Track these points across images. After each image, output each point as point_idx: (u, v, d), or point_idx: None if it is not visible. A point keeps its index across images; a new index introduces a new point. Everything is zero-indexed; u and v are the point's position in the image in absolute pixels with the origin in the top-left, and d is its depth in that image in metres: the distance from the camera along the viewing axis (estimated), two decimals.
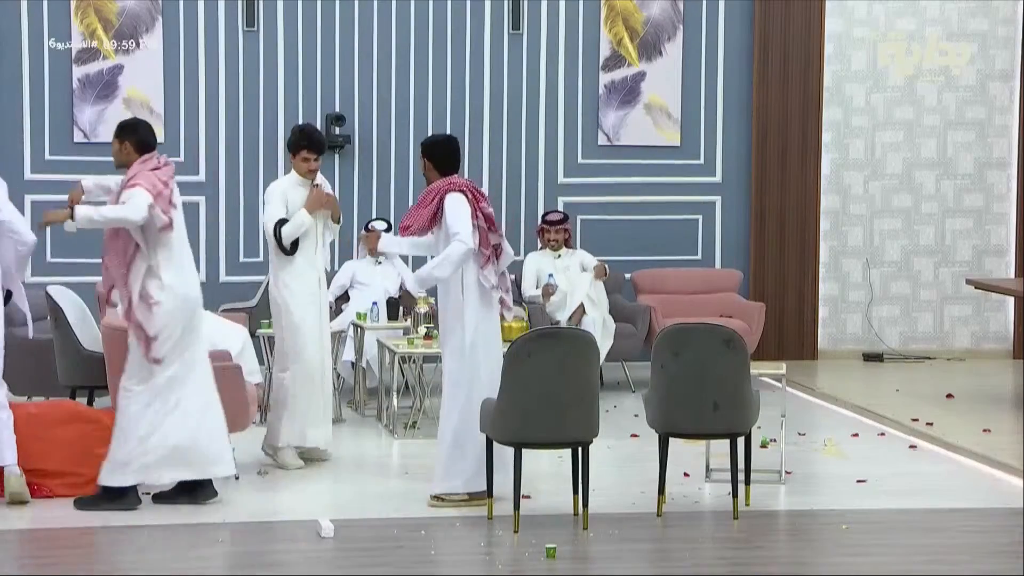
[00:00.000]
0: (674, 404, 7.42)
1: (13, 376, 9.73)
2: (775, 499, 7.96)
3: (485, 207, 7.78)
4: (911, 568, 6.66)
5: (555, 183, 13.03)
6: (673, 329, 7.53)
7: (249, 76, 12.63)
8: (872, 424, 10.28)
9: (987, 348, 13.69)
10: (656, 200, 13.15)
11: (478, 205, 7.73)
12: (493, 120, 12.93)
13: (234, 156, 12.64)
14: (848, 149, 13.51)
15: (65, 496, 7.81)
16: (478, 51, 12.88)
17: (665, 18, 13.06)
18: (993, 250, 13.69)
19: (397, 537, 7.12)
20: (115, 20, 12.43)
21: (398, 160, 12.78)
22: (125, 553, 6.94)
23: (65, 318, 9.18)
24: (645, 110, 13.08)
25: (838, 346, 13.50)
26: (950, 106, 13.60)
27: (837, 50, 13.44)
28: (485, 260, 7.74)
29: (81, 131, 12.42)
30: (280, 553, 6.86)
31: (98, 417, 8.13)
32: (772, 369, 8.68)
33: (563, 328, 7.68)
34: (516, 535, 7.05)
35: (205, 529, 7.21)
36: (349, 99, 12.70)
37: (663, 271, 12.73)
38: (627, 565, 6.69)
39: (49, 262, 12.31)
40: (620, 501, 7.83)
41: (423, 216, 7.75)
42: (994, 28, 13.58)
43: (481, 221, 7.72)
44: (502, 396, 7.16)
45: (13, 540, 7.02)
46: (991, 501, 7.97)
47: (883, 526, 7.36)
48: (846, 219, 13.55)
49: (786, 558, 6.95)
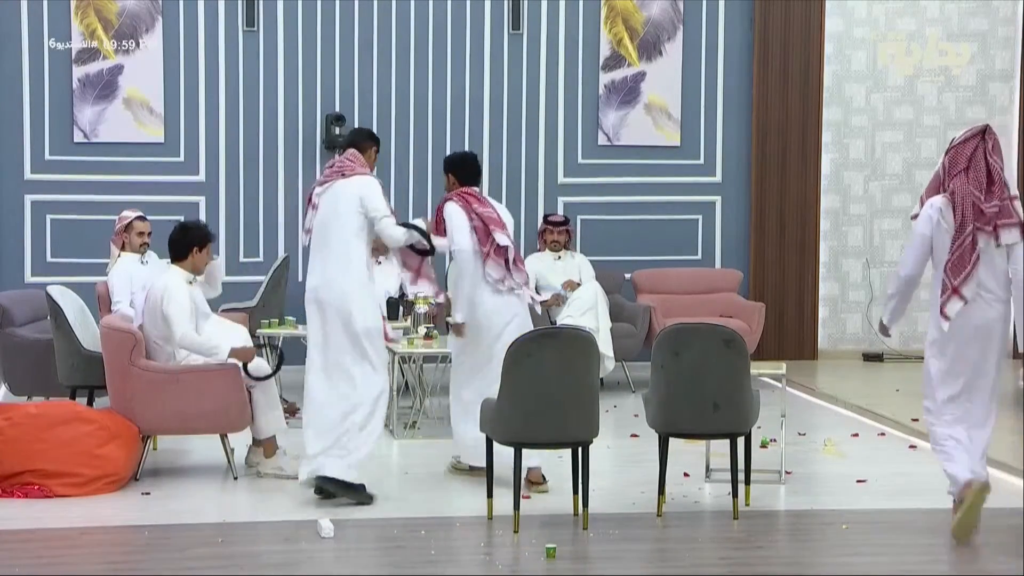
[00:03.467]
0: (674, 404, 7.42)
1: (13, 376, 9.79)
2: (775, 499, 7.96)
3: (478, 208, 8.21)
4: (911, 568, 6.66)
5: (555, 183, 13.03)
6: (673, 329, 7.53)
7: (249, 76, 12.64)
8: (872, 424, 10.29)
9: None
10: (656, 200, 13.16)
11: (471, 208, 8.19)
12: (493, 120, 12.94)
13: (234, 156, 12.65)
14: (848, 149, 13.52)
15: (65, 496, 7.82)
16: (478, 51, 12.89)
17: (665, 18, 13.07)
18: None
19: (397, 537, 7.12)
20: (115, 20, 12.44)
21: (398, 160, 12.79)
22: (125, 553, 6.94)
23: (65, 318, 9.18)
24: (645, 110, 13.09)
25: (838, 346, 13.50)
26: (950, 106, 13.61)
27: (837, 50, 13.44)
28: (485, 256, 8.15)
29: (81, 131, 12.43)
30: (280, 553, 6.86)
31: (98, 417, 8.14)
32: (772, 369, 8.68)
33: (563, 328, 7.66)
34: (516, 535, 7.05)
35: (205, 529, 7.21)
36: (349, 99, 12.70)
37: (663, 271, 12.73)
38: (627, 565, 6.69)
39: (49, 262, 12.32)
40: (620, 501, 7.83)
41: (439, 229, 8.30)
42: (994, 28, 13.59)
43: (476, 222, 8.16)
44: (502, 396, 7.16)
45: (13, 540, 7.02)
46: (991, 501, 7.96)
47: (883, 526, 7.36)
48: (846, 219, 13.56)
49: (786, 558, 6.95)
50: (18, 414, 8.04)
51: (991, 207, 7.03)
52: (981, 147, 7.18)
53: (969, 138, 7.21)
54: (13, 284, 12.03)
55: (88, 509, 7.64)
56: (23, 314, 9.90)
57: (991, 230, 7.01)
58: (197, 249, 8.46)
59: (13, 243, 12.42)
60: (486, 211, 8.15)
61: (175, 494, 7.99)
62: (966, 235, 7.01)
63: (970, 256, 7.00)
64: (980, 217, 7.02)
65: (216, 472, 8.52)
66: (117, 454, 8.03)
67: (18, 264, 12.42)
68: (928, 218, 7.11)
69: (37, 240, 12.43)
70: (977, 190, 7.05)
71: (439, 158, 12.82)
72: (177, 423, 8.36)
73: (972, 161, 7.13)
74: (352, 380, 7.71)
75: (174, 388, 8.23)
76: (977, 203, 7.02)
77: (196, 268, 8.48)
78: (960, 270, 7.00)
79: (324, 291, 7.74)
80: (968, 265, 7.00)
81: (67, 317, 9.20)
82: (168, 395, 8.23)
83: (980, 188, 7.06)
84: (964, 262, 7.01)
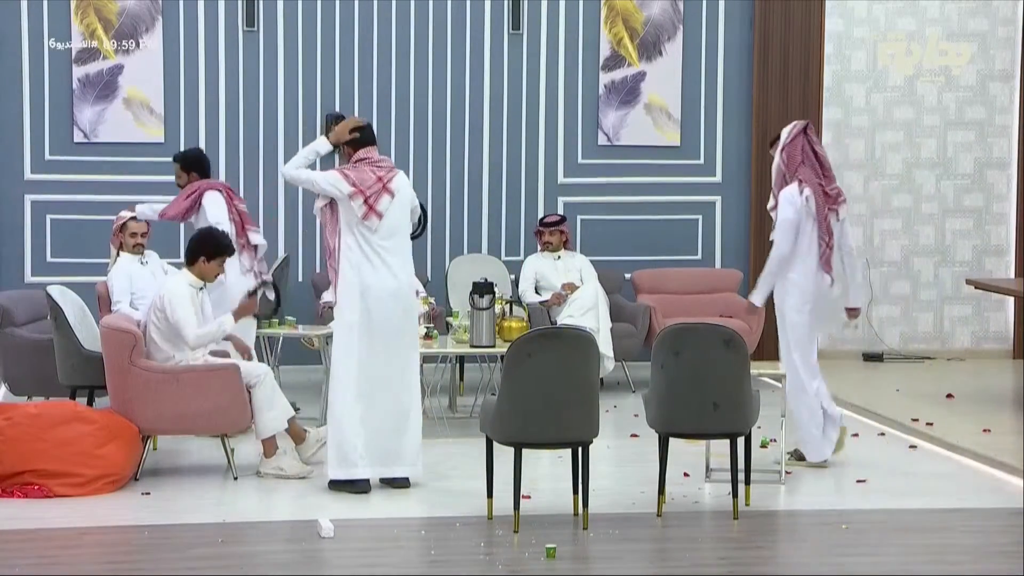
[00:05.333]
0: (674, 404, 7.42)
1: (13, 376, 9.79)
2: (775, 499, 7.96)
3: (239, 204, 9.50)
4: (911, 568, 6.66)
5: (555, 183, 13.03)
6: (673, 329, 7.53)
7: (249, 76, 12.64)
8: (872, 424, 10.29)
9: (987, 348, 13.70)
10: (656, 200, 13.15)
11: (232, 203, 9.29)
12: (493, 120, 12.94)
13: (234, 156, 12.64)
14: (848, 149, 13.52)
15: (65, 496, 7.82)
16: (478, 51, 12.88)
17: (665, 18, 13.07)
18: (993, 250, 13.70)
19: (397, 537, 7.12)
20: (115, 20, 12.44)
21: (398, 160, 12.78)
22: (125, 553, 6.94)
23: (65, 318, 9.18)
24: (645, 110, 13.08)
25: (838, 346, 13.50)
26: (950, 106, 13.61)
27: (837, 50, 13.44)
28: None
29: (81, 131, 12.42)
30: (280, 553, 6.87)
31: (98, 417, 8.14)
32: (772, 369, 8.69)
33: (563, 328, 7.67)
34: (516, 535, 7.05)
35: (205, 529, 7.22)
36: (349, 99, 12.70)
37: (663, 271, 12.73)
38: (627, 565, 6.69)
39: (49, 262, 12.32)
40: (620, 501, 7.83)
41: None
42: (994, 28, 13.59)
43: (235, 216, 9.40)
44: (502, 396, 7.16)
45: (13, 540, 7.03)
46: (991, 501, 7.97)
47: (883, 526, 7.36)
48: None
49: (786, 558, 6.96)
50: (18, 414, 8.05)
51: (832, 189, 8.59)
52: (808, 142, 8.63)
53: (796, 135, 8.63)
54: (13, 284, 12.02)
55: (88, 509, 7.64)
56: (23, 314, 9.90)
57: (835, 208, 8.57)
58: (205, 259, 8.48)
59: (13, 243, 12.41)
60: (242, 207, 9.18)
61: (175, 494, 7.99)
62: (824, 215, 8.50)
63: (829, 232, 8.53)
64: (827, 199, 8.55)
65: (216, 472, 8.52)
66: (117, 454, 8.03)
67: (18, 264, 12.42)
68: (793, 205, 8.49)
69: (37, 240, 12.43)
70: (817, 177, 8.55)
71: (439, 158, 12.88)
72: (177, 423, 8.36)
73: (805, 154, 8.59)
74: (406, 370, 8.00)
75: (174, 388, 8.24)
76: (823, 187, 8.55)
77: (203, 276, 8.50)
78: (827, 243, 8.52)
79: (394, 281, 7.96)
80: (830, 238, 8.53)
81: (67, 317, 9.20)
82: (168, 395, 8.23)
83: (819, 175, 8.57)
84: (830, 236, 8.53)
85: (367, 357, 7.92)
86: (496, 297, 9.59)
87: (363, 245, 7.91)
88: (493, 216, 12.93)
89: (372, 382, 7.93)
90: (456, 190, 12.89)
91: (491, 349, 9.59)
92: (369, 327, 7.91)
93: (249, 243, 9.76)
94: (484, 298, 9.49)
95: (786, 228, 8.50)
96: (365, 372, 7.91)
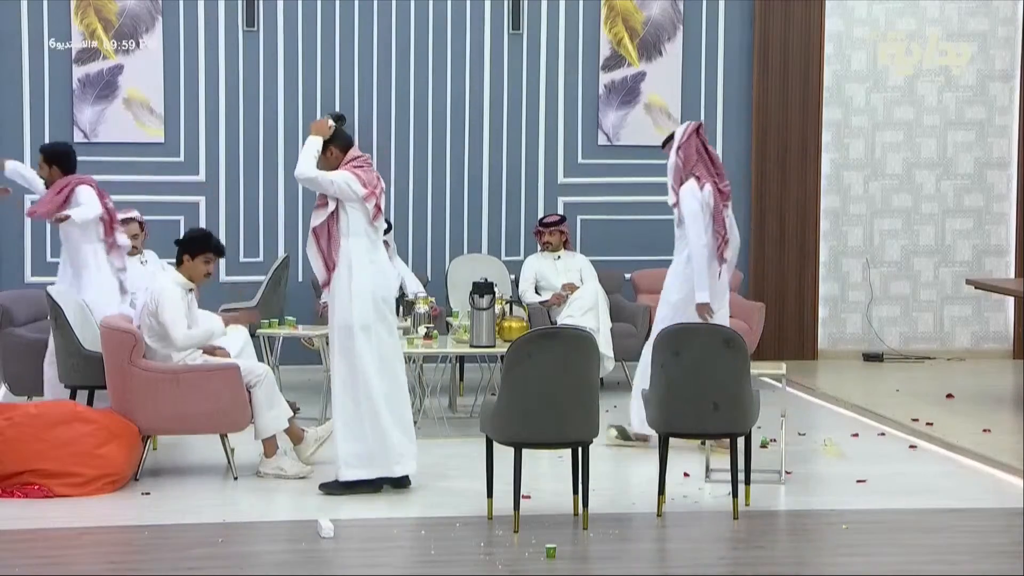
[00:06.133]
0: (674, 404, 7.42)
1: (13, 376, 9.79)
2: (775, 499, 7.96)
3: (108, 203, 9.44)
4: (911, 568, 6.66)
5: (555, 183, 13.03)
6: (673, 329, 7.54)
7: (249, 76, 12.64)
8: (872, 424, 10.28)
9: (987, 348, 13.70)
10: (656, 200, 13.11)
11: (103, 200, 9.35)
12: (493, 120, 12.94)
13: (234, 156, 12.64)
14: (848, 149, 13.52)
15: (65, 496, 7.82)
16: (478, 51, 12.88)
17: (665, 18, 13.07)
18: (993, 250, 13.70)
19: (397, 537, 7.12)
20: (115, 20, 12.44)
21: (398, 160, 12.79)
22: (125, 553, 6.94)
23: (65, 318, 9.17)
24: (645, 110, 13.08)
25: (838, 346, 13.50)
26: (950, 106, 13.61)
27: (837, 50, 13.44)
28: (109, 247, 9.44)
29: (81, 131, 12.42)
30: (280, 553, 6.87)
31: (98, 417, 8.14)
32: (772, 369, 8.69)
33: (563, 328, 7.66)
34: (516, 535, 7.05)
35: (205, 529, 7.22)
36: (349, 99, 12.70)
37: (663, 271, 12.65)
38: (627, 565, 6.69)
39: (49, 262, 12.31)
40: (620, 501, 7.84)
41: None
42: (994, 28, 13.59)
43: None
44: (502, 396, 7.16)
45: (13, 540, 7.03)
46: (991, 501, 7.97)
47: (883, 526, 7.36)
48: (846, 219, 13.56)
49: (786, 558, 6.95)
50: (18, 414, 8.05)
51: (725, 186, 9.07)
52: (700, 142, 9.11)
53: (690, 135, 9.11)
54: (13, 284, 12.02)
55: (88, 509, 7.64)
56: (23, 314, 9.91)
57: (727, 204, 9.04)
58: (189, 257, 8.47)
59: (13, 243, 12.42)
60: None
61: (175, 494, 7.99)
62: (719, 211, 8.95)
63: (724, 227, 8.97)
64: (721, 196, 9.00)
65: (216, 472, 8.52)
66: (117, 454, 8.03)
67: (18, 264, 12.42)
68: (696, 199, 8.92)
69: (37, 240, 12.43)
70: (711, 175, 9.02)
71: (439, 158, 12.88)
72: (177, 423, 8.36)
73: (699, 153, 9.05)
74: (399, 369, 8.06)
75: (174, 388, 8.24)
76: (718, 184, 9.01)
77: (190, 276, 8.49)
78: (723, 237, 8.96)
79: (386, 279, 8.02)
80: (725, 232, 8.98)
81: (67, 317, 9.20)
82: (168, 395, 8.23)
83: (712, 173, 9.04)
84: (725, 231, 8.97)
85: (388, 355, 7.93)
86: (496, 297, 9.59)
87: (369, 247, 7.91)
88: (493, 216, 12.93)
89: (393, 379, 7.94)
90: (456, 190, 12.89)
91: (491, 349, 9.59)
92: (383, 326, 7.91)
93: (116, 243, 9.64)
94: (484, 298, 9.49)
95: (696, 219, 8.93)
96: (387, 370, 7.92)
